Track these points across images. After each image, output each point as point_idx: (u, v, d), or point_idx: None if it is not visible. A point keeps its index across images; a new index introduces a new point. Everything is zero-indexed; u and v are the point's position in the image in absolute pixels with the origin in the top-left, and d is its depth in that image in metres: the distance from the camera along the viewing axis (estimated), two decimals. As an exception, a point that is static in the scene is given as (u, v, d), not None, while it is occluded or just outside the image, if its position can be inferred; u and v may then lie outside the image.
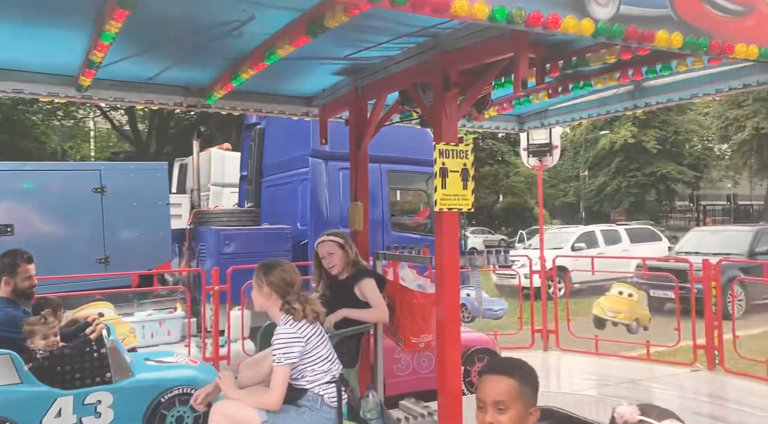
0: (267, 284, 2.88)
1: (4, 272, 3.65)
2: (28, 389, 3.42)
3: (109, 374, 3.67)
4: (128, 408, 3.76)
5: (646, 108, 4.14)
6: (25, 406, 3.42)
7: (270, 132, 8.20)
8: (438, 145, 2.98)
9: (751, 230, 12.20)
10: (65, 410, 3.50)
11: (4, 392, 3.34)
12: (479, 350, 5.45)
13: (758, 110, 31.78)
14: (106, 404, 3.67)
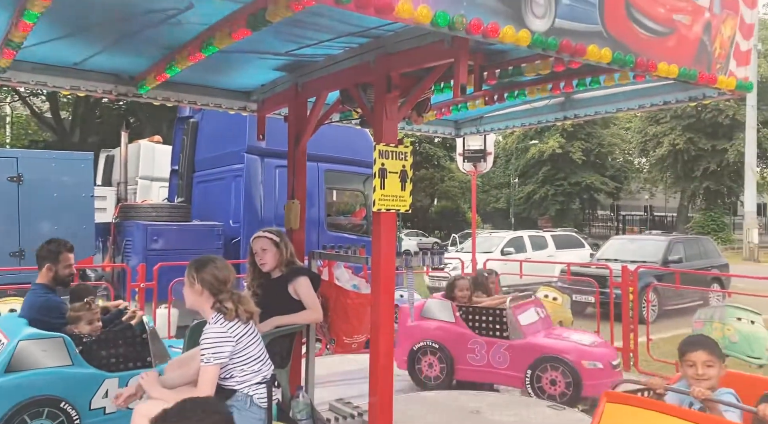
0: (199, 281, 2.80)
1: (48, 259, 3.77)
2: (79, 370, 3.56)
3: (150, 358, 3.80)
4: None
5: (574, 119, 4.33)
6: (77, 386, 3.56)
7: (204, 126, 7.99)
8: (378, 146, 3.00)
9: (665, 239, 12.98)
10: (111, 391, 3.61)
11: (58, 373, 3.49)
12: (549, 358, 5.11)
13: (675, 127, 33.93)
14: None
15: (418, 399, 4.95)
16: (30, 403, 3.35)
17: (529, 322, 5.38)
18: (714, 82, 2.80)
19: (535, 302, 5.71)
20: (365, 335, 3.79)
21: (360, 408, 4.16)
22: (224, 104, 4.18)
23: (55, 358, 3.48)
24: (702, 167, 33.66)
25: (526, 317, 5.40)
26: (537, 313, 5.55)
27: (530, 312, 5.49)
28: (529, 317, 5.43)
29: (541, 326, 5.48)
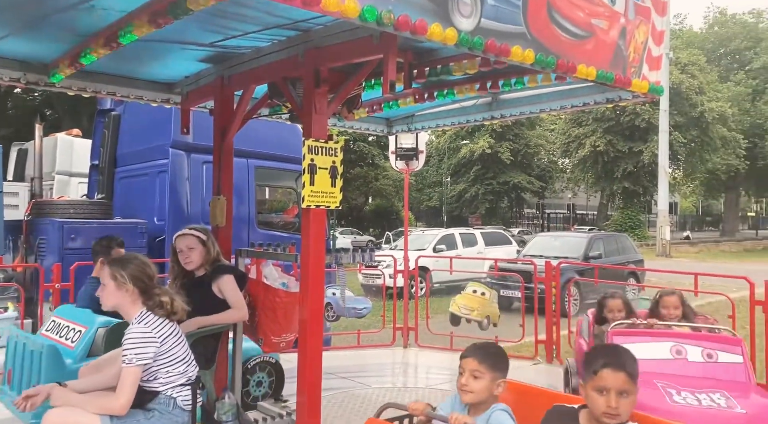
0: (130, 280, 2.66)
1: (101, 253, 4.06)
2: None
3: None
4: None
5: (501, 119, 4.45)
6: None
7: (126, 119, 7.62)
8: (307, 142, 2.96)
9: (586, 236, 13.63)
10: None
11: None
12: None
13: (596, 130, 35.69)
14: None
15: (351, 397, 4.94)
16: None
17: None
18: (629, 85, 2.95)
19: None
20: (294, 333, 3.74)
21: (289, 407, 4.11)
22: (146, 96, 4.00)
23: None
24: (620, 168, 35.58)
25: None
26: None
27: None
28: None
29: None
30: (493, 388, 2.33)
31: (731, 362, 3.66)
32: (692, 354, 3.70)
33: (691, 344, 3.74)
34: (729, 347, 3.70)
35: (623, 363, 2.10)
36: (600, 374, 2.08)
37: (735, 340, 3.74)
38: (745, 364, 3.61)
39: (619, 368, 2.07)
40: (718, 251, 33.58)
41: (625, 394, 2.05)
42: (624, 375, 2.07)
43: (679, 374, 3.57)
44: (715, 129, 34.62)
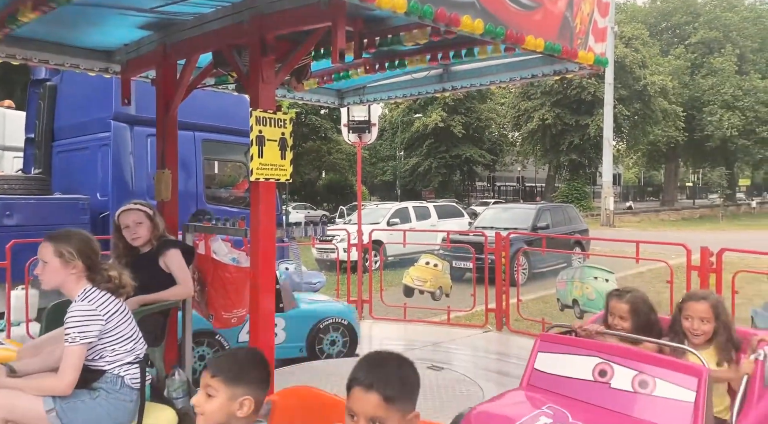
0: (78, 255, 2.55)
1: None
2: None
3: (282, 305, 4.85)
4: (295, 331, 5.03)
5: (452, 91, 4.45)
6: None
7: (64, 90, 7.24)
8: (254, 112, 2.88)
9: (534, 207, 13.97)
10: None
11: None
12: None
13: (544, 103, 36.36)
14: (281, 327, 4.90)
15: (303, 369, 4.96)
16: (195, 333, 4.19)
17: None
18: (576, 56, 2.99)
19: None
20: (245, 309, 3.70)
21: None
22: (82, 65, 3.79)
23: None
24: (567, 141, 36.47)
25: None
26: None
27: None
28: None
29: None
30: (232, 408, 1.78)
31: (675, 398, 2.44)
32: (619, 379, 2.59)
33: (622, 365, 2.62)
34: (680, 376, 2.47)
35: (380, 380, 1.57)
36: (350, 393, 1.60)
37: (695, 369, 2.49)
38: (698, 405, 2.37)
39: (370, 388, 1.56)
40: (658, 220, 35.14)
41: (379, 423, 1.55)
42: (377, 398, 1.55)
43: (587, 403, 2.60)
44: (656, 102, 35.83)
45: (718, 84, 38.87)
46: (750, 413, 2.57)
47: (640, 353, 2.68)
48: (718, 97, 38.73)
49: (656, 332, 2.99)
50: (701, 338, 2.81)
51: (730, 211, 39.45)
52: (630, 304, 3.02)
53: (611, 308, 3.07)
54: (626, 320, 3.00)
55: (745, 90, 38.36)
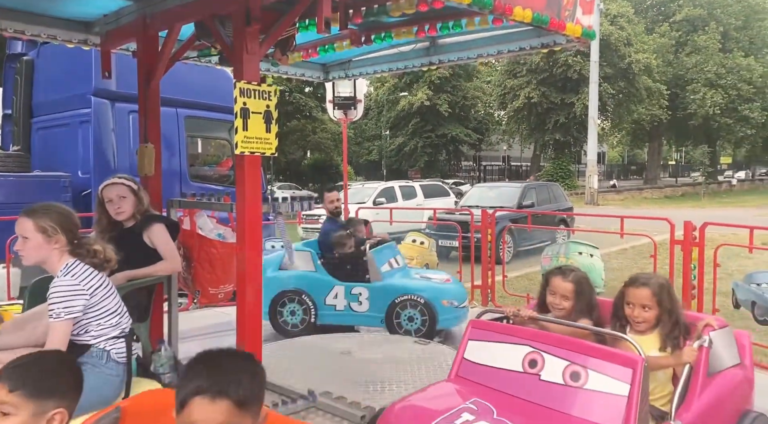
0: (60, 228, 2.50)
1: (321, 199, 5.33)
2: (319, 276, 5.39)
3: (368, 276, 5.26)
4: (377, 303, 5.28)
5: (439, 65, 4.40)
6: (316, 286, 5.36)
7: (41, 65, 7.08)
8: (238, 84, 2.82)
9: (520, 185, 14.04)
10: (339, 294, 5.28)
11: (304, 275, 5.42)
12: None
13: (530, 81, 36.27)
14: (365, 296, 5.26)
15: (289, 345, 4.97)
16: (286, 292, 5.32)
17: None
18: (563, 28, 2.96)
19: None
20: (232, 284, 3.68)
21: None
22: (60, 36, 3.68)
23: (304, 264, 5.39)
24: (553, 120, 36.52)
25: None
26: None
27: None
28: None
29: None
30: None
31: (607, 391, 2.25)
32: (549, 370, 2.41)
33: (553, 355, 2.43)
34: (614, 367, 2.29)
35: (230, 383, 1.37)
36: (188, 406, 1.37)
37: (630, 359, 2.28)
38: (632, 399, 2.18)
39: (214, 396, 1.36)
40: (641, 198, 35.52)
41: None
42: (227, 403, 1.36)
43: (516, 397, 2.43)
44: (641, 80, 35.92)
45: (702, 62, 39.05)
46: (692, 405, 2.37)
47: (571, 342, 2.45)
48: (701, 75, 38.93)
49: (595, 316, 2.83)
50: (643, 325, 2.63)
51: (711, 188, 39.98)
52: (575, 283, 2.81)
53: (553, 286, 2.84)
54: (569, 300, 2.80)
55: (728, 68, 38.59)
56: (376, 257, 5.35)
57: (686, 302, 4.96)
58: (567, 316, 2.79)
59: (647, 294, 2.60)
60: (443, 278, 5.77)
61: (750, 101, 38.56)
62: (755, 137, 41.08)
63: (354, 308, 5.31)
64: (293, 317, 5.41)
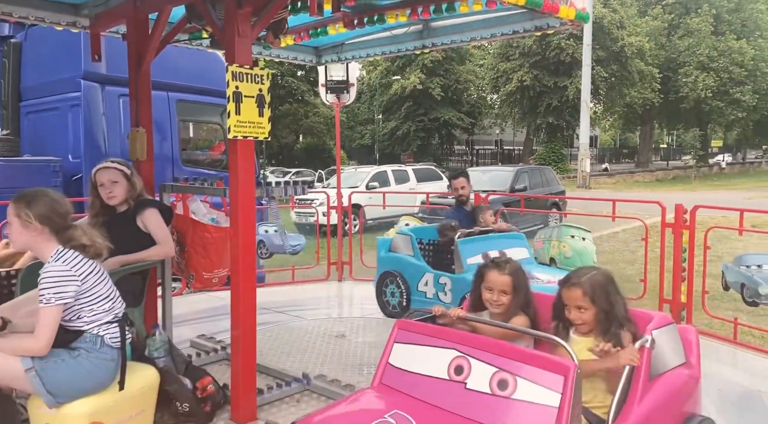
0: (36, 218, 2.48)
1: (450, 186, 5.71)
2: (414, 261, 5.38)
3: (453, 267, 5.09)
4: (457, 295, 4.98)
5: (432, 48, 4.38)
6: (410, 269, 5.36)
7: (29, 48, 6.97)
8: (230, 67, 2.80)
9: (513, 169, 14.08)
10: (429, 282, 5.21)
11: (402, 259, 5.46)
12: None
13: (523, 65, 36.13)
14: (448, 287, 5.07)
15: (287, 330, 5.00)
16: (388, 273, 5.50)
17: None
18: (557, 10, 2.96)
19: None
20: (226, 269, 3.69)
21: (223, 342, 4.11)
22: (48, 18, 3.63)
23: (405, 249, 5.46)
24: (545, 103, 36.47)
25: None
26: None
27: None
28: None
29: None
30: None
31: (536, 402, 2.05)
32: (476, 377, 2.21)
33: (480, 360, 2.22)
34: (544, 374, 2.07)
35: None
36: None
37: (561, 366, 2.06)
38: (562, 411, 1.99)
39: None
40: (632, 181, 35.68)
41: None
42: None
43: (439, 408, 2.24)
44: (633, 63, 35.86)
45: (694, 45, 39.00)
46: (631, 413, 2.17)
47: (499, 346, 2.22)
48: (693, 58, 38.91)
49: (532, 311, 2.63)
50: (584, 326, 2.43)
51: (702, 172, 40.21)
52: (512, 276, 2.60)
53: (490, 281, 2.62)
54: (507, 295, 2.60)
55: (720, 51, 38.57)
56: (464, 247, 4.98)
57: (676, 284, 5.02)
58: (506, 312, 2.61)
59: (579, 294, 2.40)
60: (549, 278, 4.90)
61: (741, 84, 38.64)
62: (746, 120, 41.23)
63: (440, 297, 5.16)
64: (393, 297, 5.50)
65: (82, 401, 2.51)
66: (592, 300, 2.38)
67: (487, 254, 4.73)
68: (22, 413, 2.73)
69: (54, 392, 2.44)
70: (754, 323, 5.32)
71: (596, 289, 2.39)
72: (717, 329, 5.18)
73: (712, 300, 6.06)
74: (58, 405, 2.47)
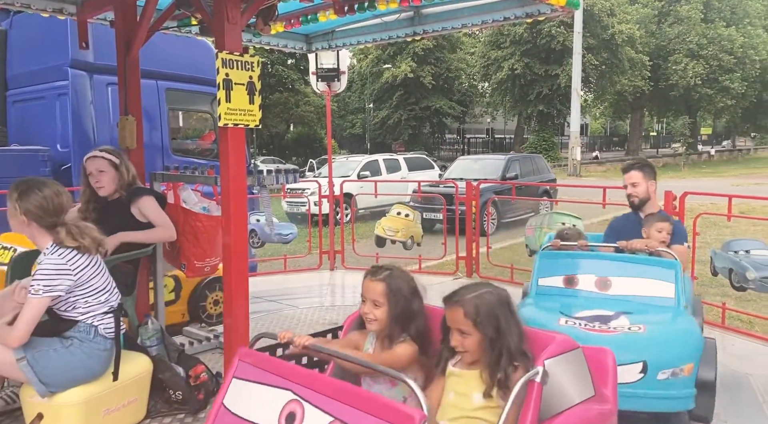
0: (23, 212, 2.47)
1: None
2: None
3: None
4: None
5: (423, 35, 4.36)
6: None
7: (15, 35, 6.86)
8: (221, 54, 2.78)
9: (504, 158, 14.10)
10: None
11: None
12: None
13: (514, 53, 36.07)
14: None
15: (280, 318, 5.01)
16: None
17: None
18: (548, -4, 2.95)
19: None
20: (218, 257, 3.68)
21: (216, 330, 4.11)
22: (34, 4, 3.58)
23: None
24: (536, 91, 36.47)
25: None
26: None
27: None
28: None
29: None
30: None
31: None
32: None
33: (316, 406, 1.75)
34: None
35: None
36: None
37: (405, 415, 1.58)
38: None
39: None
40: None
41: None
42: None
43: None
44: (624, 51, 35.89)
45: (684, 32, 39.07)
46: None
47: (338, 388, 1.75)
48: (683, 45, 39.00)
49: (415, 329, 2.13)
50: (467, 355, 1.95)
51: (691, 159, 40.45)
52: (387, 283, 2.14)
53: (364, 289, 2.21)
54: (380, 308, 2.13)
55: (710, 38, 38.67)
56: (544, 263, 3.65)
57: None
58: (383, 330, 2.14)
59: (460, 315, 1.94)
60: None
61: (730, 72, 38.79)
62: (735, 108, 41.46)
63: None
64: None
65: (74, 389, 2.51)
66: (474, 323, 1.91)
67: (573, 277, 3.38)
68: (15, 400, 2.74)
69: (46, 382, 2.45)
70: (741, 308, 5.39)
71: (482, 310, 1.92)
72: (705, 314, 5.24)
73: (701, 286, 6.14)
74: (50, 394, 2.47)
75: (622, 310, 3.06)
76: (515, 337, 1.91)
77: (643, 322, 2.92)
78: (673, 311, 3.12)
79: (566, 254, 3.53)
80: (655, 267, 3.29)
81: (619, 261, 3.39)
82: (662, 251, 3.36)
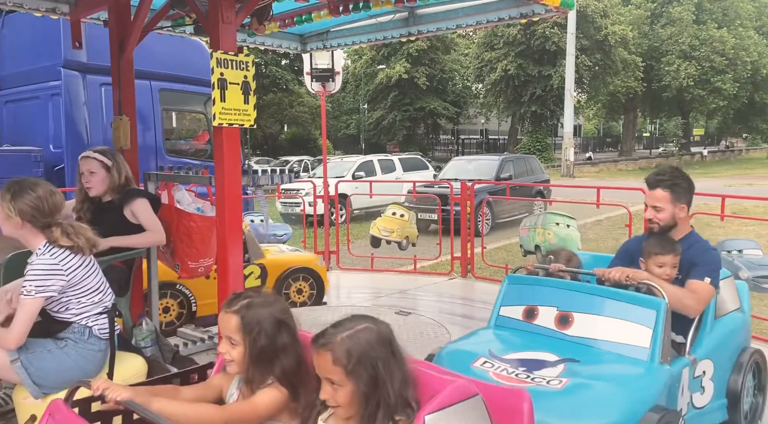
0: (17, 213, 2.44)
1: None
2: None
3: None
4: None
5: (418, 36, 4.36)
6: None
7: (7, 35, 6.84)
8: (215, 54, 2.77)
9: (498, 158, 14.15)
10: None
11: None
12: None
13: (507, 54, 36.15)
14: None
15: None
16: None
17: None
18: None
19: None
20: (212, 258, 3.67)
21: (210, 331, 4.10)
22: (27, 4, 3.55)
23: None
24: (530, 92, 36.57)
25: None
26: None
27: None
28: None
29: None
30: None
31: None
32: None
33: None
34: None
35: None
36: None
37: None
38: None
39: None
40: (616, 170, 36.00)
41: None
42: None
43: None
44: (617, 52, 36.04)
45: (677, 34, 39.27)
46: None
47: None
48: (675, 46, 39.19)
49: (282, 370, 1.78)
50: (340, 410, 1.61)
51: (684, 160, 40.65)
52: (241, 317, 1.79)
53: (219, 323, 1.92)
54: (237, 346, 1.80)
55: (702, 40, 38.89)
56: (511, 290, 3.06)
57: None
58: (245, 373, 1.81)
59: (328, 362, 1.58)
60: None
61: (722, 73, 39.01)
62: (727, 109, 41.70)
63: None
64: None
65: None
66: (346, 372, 1.56)
67: (534, 309, 2.82)
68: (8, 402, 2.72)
69: (39, 383, 2.43)
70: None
71: (354, 354, 1.57)
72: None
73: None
74: (43, 396, 2.45)
75: (570, 356, 2.49)
76: (397, 384, 1.58)
77: (579, 376, 2.34)
78: (638, 366, 2.42)
79: (534, 280, 2.97)
80: (632, 305, 2.60)
81: (590, 294, 2.74)
82: (651, 286, 2.62)
